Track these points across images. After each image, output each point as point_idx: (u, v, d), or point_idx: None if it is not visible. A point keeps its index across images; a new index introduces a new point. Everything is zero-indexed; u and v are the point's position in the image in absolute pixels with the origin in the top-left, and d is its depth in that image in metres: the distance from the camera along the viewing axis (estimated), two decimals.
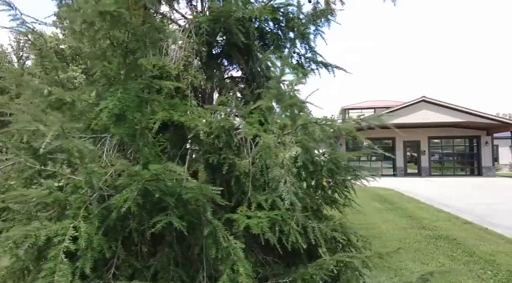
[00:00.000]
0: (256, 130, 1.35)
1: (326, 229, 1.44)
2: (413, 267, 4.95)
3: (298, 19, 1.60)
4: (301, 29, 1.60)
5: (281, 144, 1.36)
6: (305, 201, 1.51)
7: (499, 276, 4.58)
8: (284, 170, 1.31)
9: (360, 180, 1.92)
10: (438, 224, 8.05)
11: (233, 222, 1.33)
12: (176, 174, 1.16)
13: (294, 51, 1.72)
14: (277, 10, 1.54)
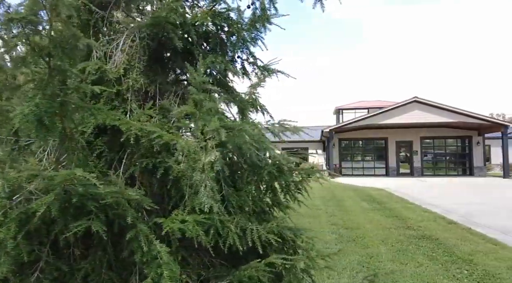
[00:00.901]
0: (171, 135, 1.37)
1: (263, 231, 1.46)
2: (391, 267, 4.98)
3: (238, 24, 1.62)
4: (241, 34, 1.63)
5: (203, 149, 1.37)
6: (247, 204, 1.53)
7: (474, 275, 4.63)
8: (204, 174, 1.32)
9: (309, 181, 1.92)
10: (423, 224, 8.11)
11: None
12: (85, 179, 1.18)
13: (238, 56, 1.74)
14: (219, 15, 1.56)
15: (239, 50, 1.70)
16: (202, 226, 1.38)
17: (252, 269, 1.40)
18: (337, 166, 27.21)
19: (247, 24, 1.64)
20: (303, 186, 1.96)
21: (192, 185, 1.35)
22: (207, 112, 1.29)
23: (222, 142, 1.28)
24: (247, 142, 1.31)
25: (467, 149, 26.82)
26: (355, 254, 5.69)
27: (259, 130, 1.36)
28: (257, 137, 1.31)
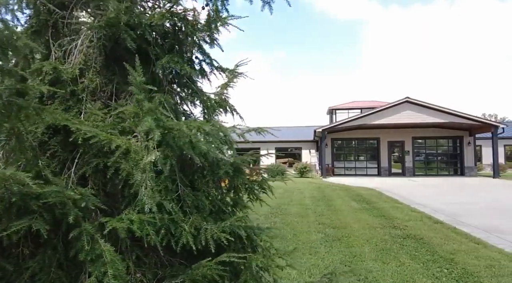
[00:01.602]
0: (107, 135, 1.37)
1: (216, 231, 1.47)
2: (372, 266, 5.02)
3: (193, 25, 1.63)
4: (197, 35, 1.64)
5: (146, 149, 1.38)
6: (204, 204, 1.55)
7: (453, 274, 4.68)
8: (145, 174, 1.34)
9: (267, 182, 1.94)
10: (409, 223, 8.17)
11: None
12: (18, 179, 1.18)
13: (196, 56, 1.76)
14: (176, 16, 1.57)
15: (197, 51, 1.71)
16: (153, 226, 1.39)
17: (204, 267, 1.42)
18: (329, 166, 27.31)
19: (203, 25, 1.65)
20: (267, 185, 1.97)
21: (132, 185, 1.36)
22: (148, 113, 1.30)
23: (160, 142, 1.29)
24: (187, 143, 1.32)
25: (458, 149, 27.07)
26: (339, 253, 5.73)
27: (213, 130, 1.36)
28: (195, 139, 1.32)
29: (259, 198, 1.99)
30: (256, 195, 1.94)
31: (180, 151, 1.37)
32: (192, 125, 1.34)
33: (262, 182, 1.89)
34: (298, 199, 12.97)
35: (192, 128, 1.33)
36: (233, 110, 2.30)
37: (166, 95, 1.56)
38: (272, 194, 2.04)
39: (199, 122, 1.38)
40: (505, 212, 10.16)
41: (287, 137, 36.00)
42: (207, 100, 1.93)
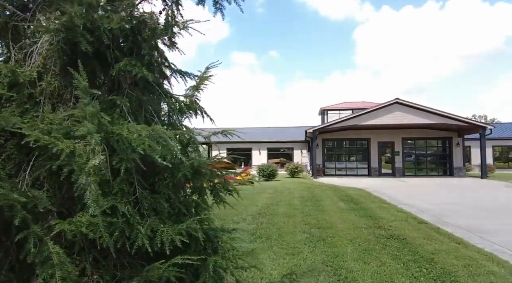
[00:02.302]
0: (49, 139, 1.38)
1: (171, 233, 1.49)
2: (353, 266, 5.06)
3: (152, 29, 1.65)
4: (156, 39, 1.66)
5: (91, 152, 1.40)
6: (162, 206, 1.56)
7: (432, 273, 4.75)
8: (90, 178, 1.35)
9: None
10: (394, 224, 8.25)
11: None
12: None
13: (155, 60, 1.77)
14: (136, 20, 1.59)
15: (157, 54, 1.72)
16: (107, 228, 1.40)
17: (159, 269, 1.44)
18: (320, 166, 27.42)
19: (161, 29, 1.67)
20: (233, 187, 1.99)
21: (77, 188, 1.37)
22: (89, 117, 1.31)
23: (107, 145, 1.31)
24: (129, 147, 1.34)
25: (448, 149, 27.39)
26: (322, 254, 5.76)
27: (152, 134, 1.37)
28: (138, 142, 1.33)
29: (223, 200, 2.00)
30: (220, 197, 1.95)
31: (124, 154, 1.38)
32: (132, 130, 1.35)
33: (226, 183, 1.91)
34: (287, 200, 13.02)
35: (134, 132, 1.34)
36: (203, 112, 2.32)
37: (124, 99, 1.57)
38: (238, 195, 2.05)
39: (140, 127, 1.39)
40: (489, 212, 10.32)
41: (279, 137, 36.09)
42: (174, 103, 1.94)
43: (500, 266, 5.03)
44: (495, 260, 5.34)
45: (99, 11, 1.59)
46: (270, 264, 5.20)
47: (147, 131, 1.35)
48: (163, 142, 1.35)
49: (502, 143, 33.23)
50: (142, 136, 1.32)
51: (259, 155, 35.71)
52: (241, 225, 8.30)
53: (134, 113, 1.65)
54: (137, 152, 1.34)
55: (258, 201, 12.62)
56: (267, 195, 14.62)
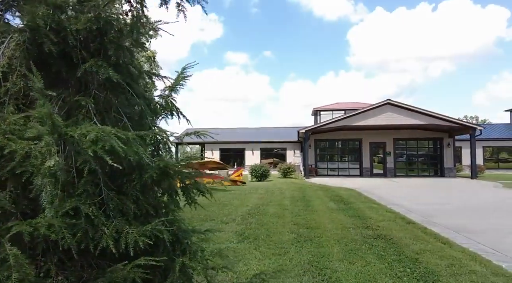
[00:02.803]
0: (5, 140, 1.38)
1: (135, 234, 1.49)
2: (338, 266, 5.09)
3: (119, 30, 1.65)
4: (122, 40, 1.66)
5: (47, 153, 1.39)
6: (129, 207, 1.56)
7: (415, 273, 4.78)
8: (46, 179, 1.35)
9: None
10: (382, 224, 8.30)
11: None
12: None
13: (122, 60, 1.77)
14: (102, 20, 1.58)
15: (124, 55, 1.72)
16: (70, 229, 1.40)
17: (122, 270, 1.44)
18: (312, 166, 27.51)
19: (128, 30, 1.67)
20: (206, 188, 1.99)
21: (32, 189, 1.37)
22: (42, 118, 1.30)
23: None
24: (81, 148, 1.33)
25: (438, 150, 27.65)
26: (308, 254, 5.78)
27: (103, 136, 1.36)
28: (87, 144, 1.32)
29: (194, 202, 2.00)
30: (192, 198, 1.95)
31: (78, 156, 1.38)
32: (83, 131, 1.35)
33: (196, 184, 1.91)
34: (277, 200, 13.03)
35: (86, 134, 1.34)
36: (179, 113, 2.32)
37: (89, 100, 1.57)
38: (211, 196, 2.05)
39: (91, 128, 1.38)
40: (476, 212, 10.44)
41: (272, 138, 36.14)
42: (147, 104, 1.94)
43: (482, 266, 5.09)
44: (478, 260, 5.40)
45: (70, 12, 1.58)
46: (256, 264, 5.21)
47: (96, 132, 1.35)
48: (114, 143, 1.34)
49: (492, 144, 33.62)
50: (90, 138, 1.31)
51: (252, 155, 35.72)
52: (230, 225, 8.30)
53: (101, 114, 1.65)
54: (87, 154, 1.34)
55: (249, 201, 12.63)
56: (258, 195, 14.63)
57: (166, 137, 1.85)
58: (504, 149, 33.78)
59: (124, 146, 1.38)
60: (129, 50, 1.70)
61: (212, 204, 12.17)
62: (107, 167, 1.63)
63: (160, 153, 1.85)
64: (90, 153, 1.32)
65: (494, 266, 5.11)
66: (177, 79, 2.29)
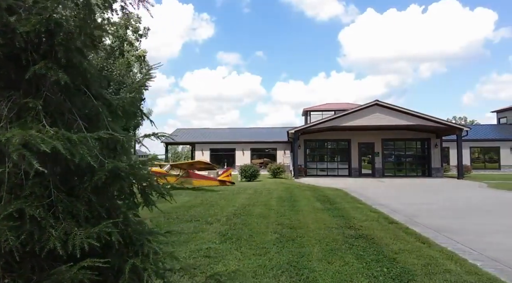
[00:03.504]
0: None
1: (82, 236, 1.50)
2: (316, 266, 5.12)
3: (68, 32, 1.65)
4: (73, 41, 1.66)
5: None
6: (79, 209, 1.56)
7: (391, 273, 4.84)
8: None
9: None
10: (365, 224, 8.37)
11: None
12: None
13: (74, 63, 1.77)
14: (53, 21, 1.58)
15: (76, 56, 1.72)
16: (14, 231, 1.40)
17: (70, 272, 1.44)
18: (302, 167, 27.61)
19: (78, 32, 1.67)
20: (166, 190, 2.00)
21: None
22: None
23: None
24: (16, 150, 1.33)
25: (426, 151, 27.97)
26: (289, 254, 5.80)
27: (30, 139, 1.36)
28: (12, 148, 1.32)
29: (153, 204, 2.00)
30: (149, 200, 1.96)
31: (9, 159, 1.39)
32: (8, 135, 1.35)
33: (153, 186, 1.91)
34: (264, 200, 13.06)
35: (12, 137, 1.34)
36: (143, 115, 2.32)
37: (38, 102, 1.56)
38: (171, 198, 2.05)
39: (18, 132, 1.38)
40: (459, 212, 10.61)
41: (263, 138, 36.19)
42: (106, 105, 1.94)
43: (457, 265, 5.18)
44: (454, 259, 5.49)
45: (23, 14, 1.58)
46: (235, 265, 5.22)
47: (19, 135, 1.34)
48: (38, 145, 1.34)
49: (479, 144, 34.13)
50: (16, 141, 1.32)
51: (243, 155, 35.71)
52: (214, 225, 8.30)
53: (52, 116, 1.65)
54: (11, 157, 1.34)
55: (235, 202, 12.64)
56: (246, 196, 14.65)
57: (124, 139, 1.86)
58: (491, 149, 34.32)
59: (61, 148, 1.38)
60: (81, 51, 1.70)
61: (199, 205, 12.16)
62: (58, 169, 1.63)
63: (117, 155, 1.85)
64: (14, 157, 1.32)
65: (469, 265, 5.20)
66: (139, 81, 2.30)
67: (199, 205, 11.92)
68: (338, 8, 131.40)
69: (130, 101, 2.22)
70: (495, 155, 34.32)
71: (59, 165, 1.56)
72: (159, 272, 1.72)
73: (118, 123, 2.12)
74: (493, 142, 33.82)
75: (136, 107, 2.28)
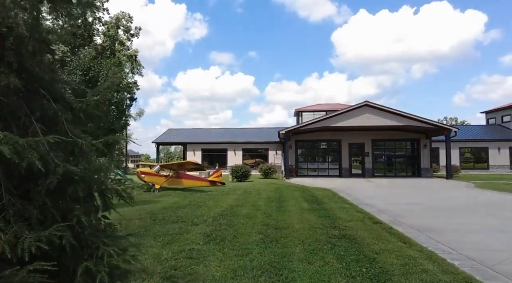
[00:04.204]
0: None
1: (31, 240, 1.51)
2: (297, 266, 5.16)
3: (18, 37, 1.67)
4: (23, 47, 1.67)
5: None
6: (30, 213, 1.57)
7: (370, 273, 4.89)
8: None
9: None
10: (349, 224, 8.44)
11: None
12: None
13: (27, 67, 1.78)
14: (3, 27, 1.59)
15: (28, 60, 1.73)
16: None
17: (18, 275, 1.45)
18: (293, 167, 27.68)
19: (28, 36, 1.68)
20: (126, 194, 2.01)
21: None
22: None
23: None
24: None
25: (416, 151, 28.23)
26: (271, 254, 5.83)
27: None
28: None
29: (112, 207, 2.02)
30: (107, 204, 1.97)
31: None
32: None
33: (111, 190, 1.92)
34: (253, 200, 13.09)
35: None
36: (103, 117, 2.33)
37: None
38: (132, 200, 2.06)
39: None
40: (443, 212, 10.73)
41: (254, 138, 36.22)
42: (67, 109, 1.95)
43: (435, 264, 5.25)
44: (433, 259, 5.56)
45: None
46: (216, 266, 5.23)
47: None
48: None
49: (468, 145, 34.54)
50: None
51: (235, 156, 35.69)
52: (200, 226, 8.29)
53: (6, 120, 1.65)
54: None
55: (224, 202, 12.65)
56: (235, 196, 14.66)
57: (84, 142, 1.87)
58: (480, 149, 34.75)
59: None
60: (33, 55, 1.70)
61: (187, 205, 12.14)
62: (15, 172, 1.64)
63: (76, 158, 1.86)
64: None
65: (447, 265, 5.27)
66: (102, 84, 2.32)
67: (186, 206, 11.90)
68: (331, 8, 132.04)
69: (94, 104, 2.23)
70: (484, 155, 34.75)
71: (14, 169, 1.56)
72: (114, 273, 1.73)
73: (80, 127, 2.12)
74: (482, 142, 34.26)
75: (102, 110, 2.29)
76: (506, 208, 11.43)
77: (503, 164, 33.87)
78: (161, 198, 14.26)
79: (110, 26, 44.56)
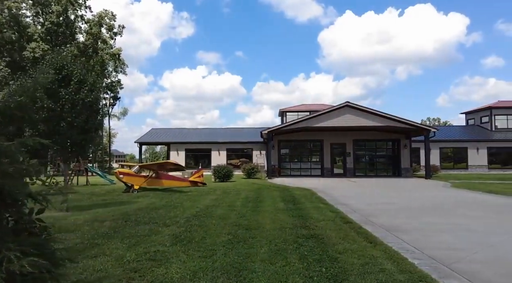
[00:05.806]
0: None
1: None
2: (258, 267, 5.15)
3: None
4: None
5: None
6: None
7: (328, 273, 4.90)
8: None
9: None
10: (320, 224, 8.47)
11: None
12: None
13: None
14: None
15: None
16: None
17: None
18: (275, 167, 27.74)
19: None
20: (42, 196, 1.96)
21: None
22: None
23: None
24: None
25: (396, 151, 28.63)
26: (235, 255, 5.80)
27: None
28: None
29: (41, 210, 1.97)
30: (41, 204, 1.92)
31: None
32: None
33: (32, 193, 1.88)
34: (230, 201, 13.05)
35: None
36: (31, 119, 2.27)
37: None
38: (47, 203, 2.01)
39: None
40: (416, 211, 10.88)
41: (239, 138, 36.15)
42: None
43: (395, 264, 5.30)
44: (394, 258, 5.62)
45: None
46: (177, 268, 5.19)
47: None
48: None
49: (448, 145, 35.21)
50: None
51: (219, 156, 35.56)
52: (171, 228, 8.21)
53: None
54: None
55: (201, 203, 12.57)
56: (214, 196, 14.60)
57: (9, 148, 1.82)
58: (459, 149, 35.45)
59: None
60: None
61: (162, 206, 12.01)
62: None
63: None
64: None
65: (407, 264, 5.33)
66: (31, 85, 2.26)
67: (162, 206, 11.79)
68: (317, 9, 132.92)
69: (17, 105, 2.17)
70: (464, 155, 35.47)
71: None
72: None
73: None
74: (461, 142, 34.95)
75: (25, 112, 2.23)
76: (477, 208, 11.68)
77: (481, 163, 34.64)
78: (139, 199, 14.10)
79: (93, 24, 43.87)
